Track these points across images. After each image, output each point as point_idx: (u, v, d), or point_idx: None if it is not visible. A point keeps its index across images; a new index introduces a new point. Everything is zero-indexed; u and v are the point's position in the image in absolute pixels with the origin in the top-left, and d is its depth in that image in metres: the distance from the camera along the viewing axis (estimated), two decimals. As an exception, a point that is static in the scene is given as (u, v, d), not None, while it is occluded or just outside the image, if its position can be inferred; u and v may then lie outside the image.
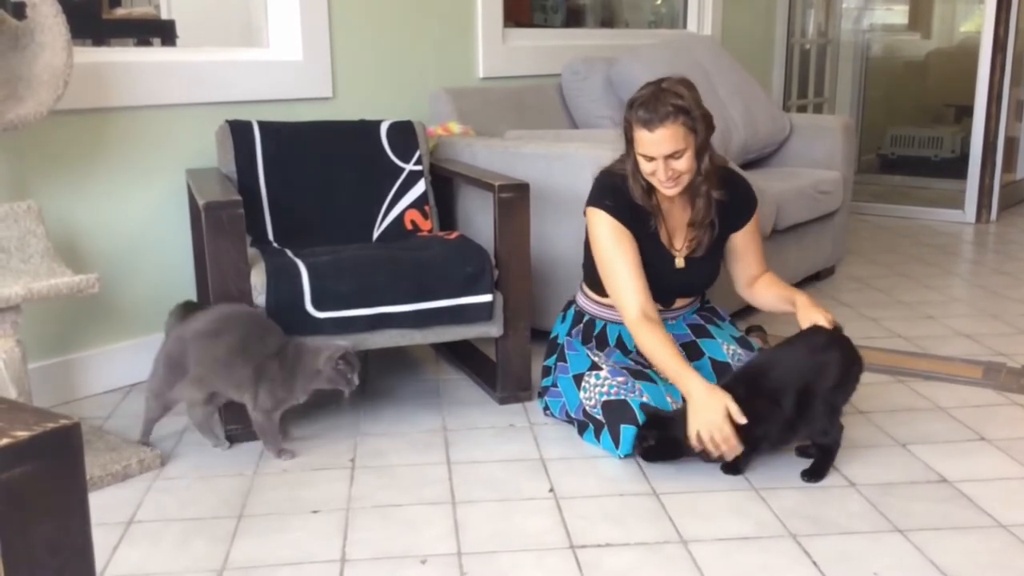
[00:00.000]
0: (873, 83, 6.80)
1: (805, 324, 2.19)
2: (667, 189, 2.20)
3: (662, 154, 2.14)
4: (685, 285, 2.39)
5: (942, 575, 1.72)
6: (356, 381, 2.21)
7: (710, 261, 2.37)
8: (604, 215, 2.26)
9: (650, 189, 2.25)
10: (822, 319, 2.16)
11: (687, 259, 2.33)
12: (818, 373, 2.10)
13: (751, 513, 1.96)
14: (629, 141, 2.21)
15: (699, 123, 2.15)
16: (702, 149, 2.18)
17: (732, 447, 2.03)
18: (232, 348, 2.13)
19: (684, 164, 2.16)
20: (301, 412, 2.52)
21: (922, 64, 7.04)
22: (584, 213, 2.32)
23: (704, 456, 2.08)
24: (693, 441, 2.05)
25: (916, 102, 6.99)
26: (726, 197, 2.28)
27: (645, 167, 2.19)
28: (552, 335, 2.54)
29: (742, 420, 2.02)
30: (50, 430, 0.79)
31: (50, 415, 0.81)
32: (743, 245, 2.39)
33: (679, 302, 2.42)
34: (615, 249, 2.25)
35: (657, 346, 2.19)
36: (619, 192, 2.26)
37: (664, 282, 2.33)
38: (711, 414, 2.03)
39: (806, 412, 2.08)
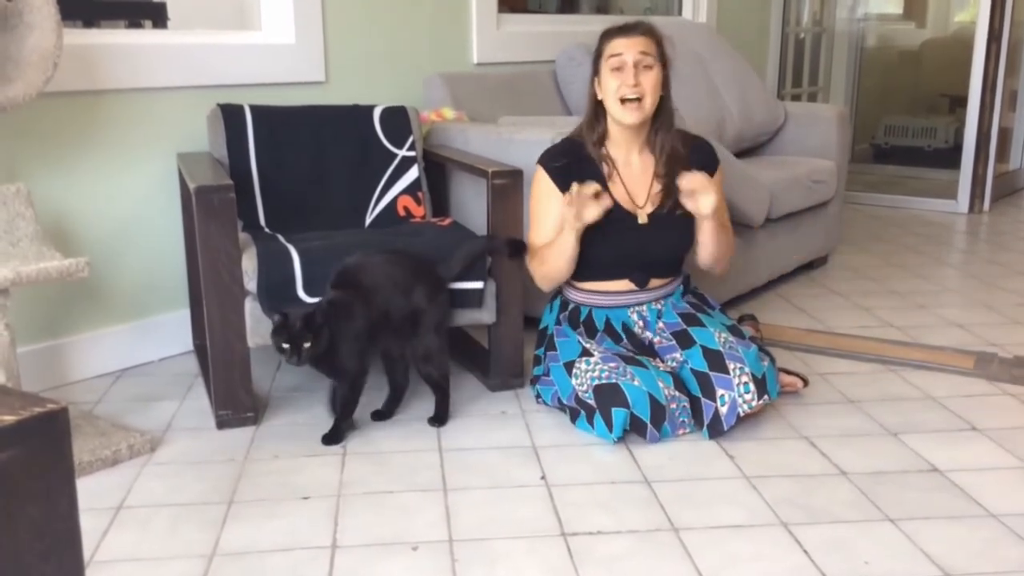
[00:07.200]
0: (868, 72, 6.79)
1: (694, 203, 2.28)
2: (630, 112, 2.28)
3: (635, 51, 2.25)
4: (649, 249, 2.38)
5: (932, 564, 1.72)
6: None
7: (678, 222, 2.38)
8: (543, 173, 2.42)
9: (602, 138, 2.37)
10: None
11: (652, 216, 2.35)
12: None
13: (742, 501, 1.96)
14: (597, 70, 2.34)
15: (665, 59, 2.31)
16: (665, 83, 2.32)
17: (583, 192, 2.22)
18: None
19: (650, 81, 2.27)
20: (293, 399, 2.51)
21: (917, 54, 7.03)
22: None
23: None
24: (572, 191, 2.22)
25: (910, 92, 6.99)
26: (689, 152, 2.38)
27: (611, 83, 2.28)
28: (542, 326, 2.54)
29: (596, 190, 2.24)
30: (36, 414, 0.78)
31: (37, 399, 0.80)
32: None
33: (654, 281, 2.41)
34: (544, 205, 2.41)
35: (547, 247, 2.36)
36: (568, 154, 2.40)
37: (625, 242, 2.35)
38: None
39: None
